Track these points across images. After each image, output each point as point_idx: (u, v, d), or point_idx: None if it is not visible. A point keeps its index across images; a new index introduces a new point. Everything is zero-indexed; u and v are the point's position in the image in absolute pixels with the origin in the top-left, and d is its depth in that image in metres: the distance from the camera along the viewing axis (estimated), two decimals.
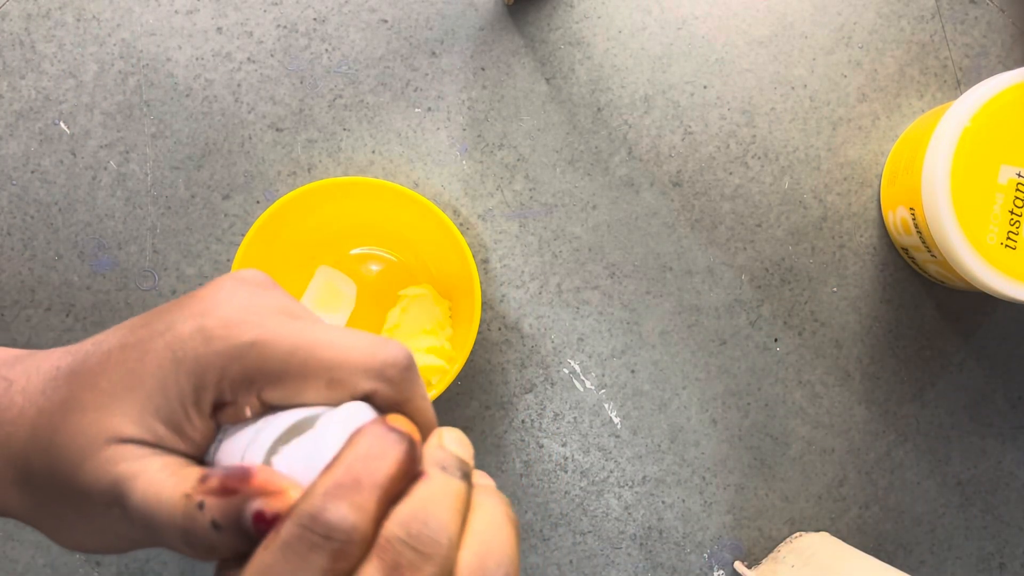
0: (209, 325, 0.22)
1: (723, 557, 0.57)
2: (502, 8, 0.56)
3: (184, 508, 0.21)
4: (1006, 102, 0.47)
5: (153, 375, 0.22)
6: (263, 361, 0.22)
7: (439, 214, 0.51)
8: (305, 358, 0.22)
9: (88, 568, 0.56)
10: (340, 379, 0.22)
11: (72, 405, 0.22)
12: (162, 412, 0.22)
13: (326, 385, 0.22)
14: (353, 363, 0.22)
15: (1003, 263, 0.47)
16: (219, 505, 0.20)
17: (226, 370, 0.22)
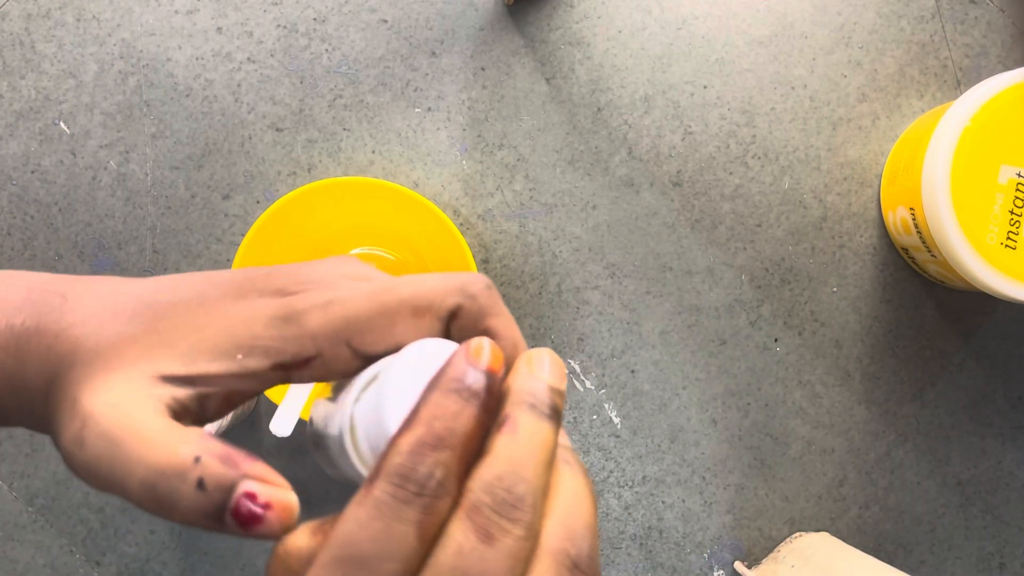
0: (288, 288, 0.23)
1: (723, 557, 0.57)
2: (502, 8, 0.56)
3: (180, 456, 0.21)
4: (1006, 102, 0.47)
5: (222, 331, 0.23)
6: (346, 310, 0.23)
7: (439, 214, 0.51)
8: (385, 299, 0.23)
9: (88, 568, 0.56)
10: (424, 305, 0.23)
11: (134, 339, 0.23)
12: (219, 350, 0.23)
13: (412, 314, 0.23)
14: (432, 290, 0.23)
15: (1003, 263, 0.47)
16: (216, 468, 0.21)
17: (306, 322, 0.23)
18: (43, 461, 0.56)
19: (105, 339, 0.23)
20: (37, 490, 0.56)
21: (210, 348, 0.23)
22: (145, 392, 0.22)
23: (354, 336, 0.23)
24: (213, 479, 0.20)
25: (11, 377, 0.24)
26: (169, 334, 0.23)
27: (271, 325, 0.23)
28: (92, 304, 0.24)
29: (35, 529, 0.56)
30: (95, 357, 0.23)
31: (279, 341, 0.23)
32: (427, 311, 0.23)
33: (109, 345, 0.23)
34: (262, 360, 0.23)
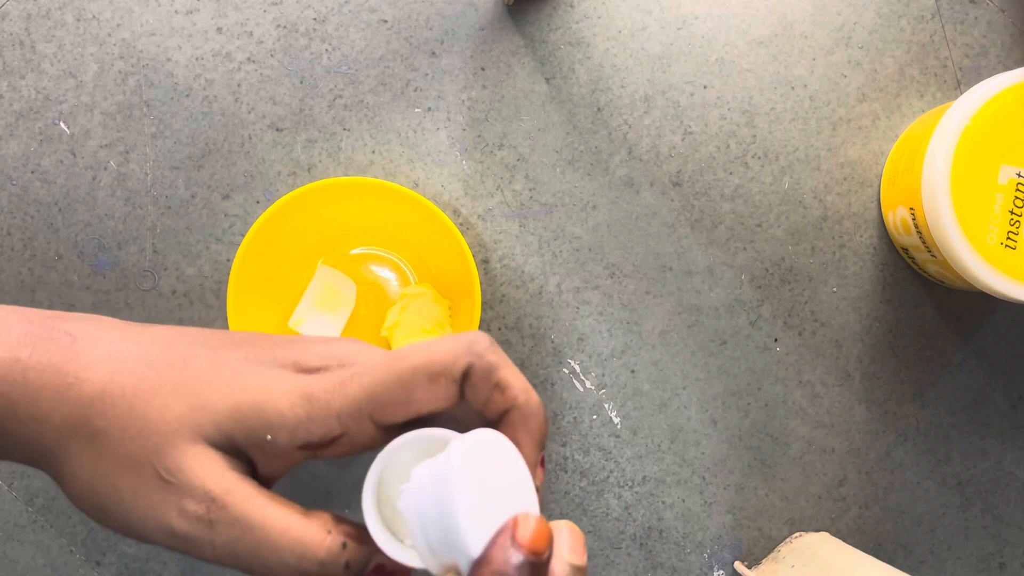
0: (314, 364, 0.25)
1: (723, 557, 0.57)
2: (502, 8, 0.56)
3: (328, 544, 0.24)
4: (1006, 102, 0.47)
5: (250, 402, 0.24)
6: (364, 385, 0.24)
7: (439, 214, 0.51)
8: (401, 368, 0.24)
9: (88, 568, 0.56)
10: (438, 370, 0.24)
11: (159, 391, 0.24)
12: (248, 425, 0.24)
13: (428, 380, 0.24)
14: (444, 354, 0.25)
15: (1003, 263, 0.47)
16: (357, 551, 0.24)
17: (331, 402, 0.24)
18: None
19: (136, 391, 0.23)
20: (37, 490, 0.56)
21: (241, 422, 0.24)
22: (226, 464, 0.24)
23: (376, 410, 0.24)
24: (355, 560, 0.24)
25: (16, 407, 0.24)
26: (203, 394, 0.24)
27: (297, 404, 0.24)
28: (106, 348, 0.24)
29: (35, 529, 0.56)
30: (142, 416, 0.23)
31: (306, 423, 0.24)
32: (441, 375, 0.24)
33: (143, 399, 0.23)
34: (290, 441, 0.24)
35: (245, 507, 0.23)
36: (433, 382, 0.24)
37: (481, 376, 0.25)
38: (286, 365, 0.25)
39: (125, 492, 0.23)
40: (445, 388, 0.25)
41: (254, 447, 0.24)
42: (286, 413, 0.24)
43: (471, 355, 0.25)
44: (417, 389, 0.24)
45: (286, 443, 0.24)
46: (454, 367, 0.24)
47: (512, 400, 0.25)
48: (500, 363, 0.25)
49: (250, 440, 0.24)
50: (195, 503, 0.23)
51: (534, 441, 0.25)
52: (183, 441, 0.23)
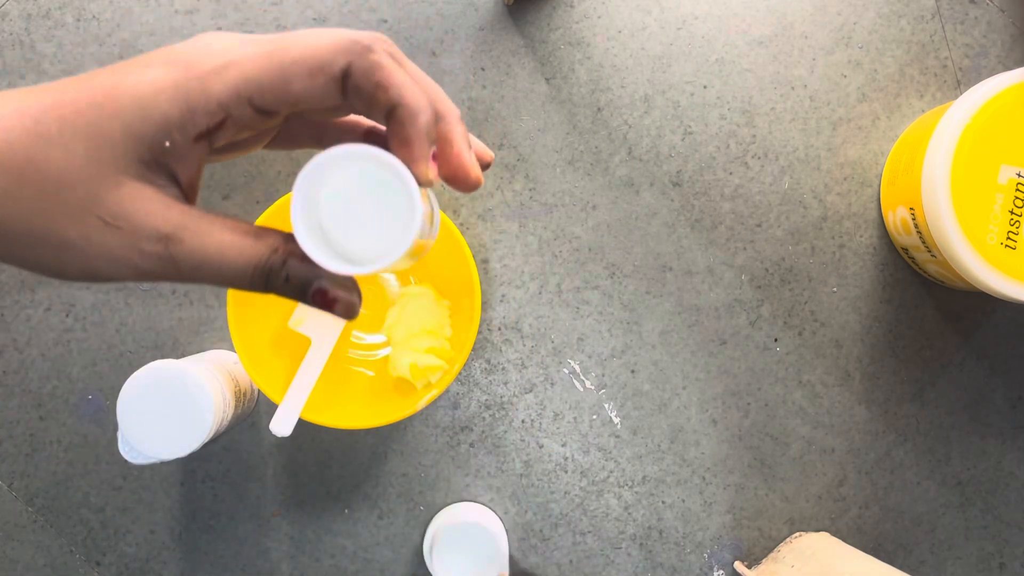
0: (189, 57, 0.25)
1: (723, 557, 0.57)
2: (502, 8, 0.56)
3: (269, 258, 0.25)
4: (1006, 102, 0.47)
5: (136, 107, 0.24)
6: (243, 71, 0.25)
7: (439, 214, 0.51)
8: (280, 58, 0.25)
9: (88, 568, 0.56)
10: (317, 65, 0.25)
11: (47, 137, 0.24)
12: (147, 140, 0.25)
13: (307, 75, 0.25)
14: (325, 49, 0.25)
15: (1003, 263, 0.47)
16: (298, 267, 0.26)
17: (209, 88, 0.25)
18: (43, 461, 0.56)
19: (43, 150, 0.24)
20: (37, 490, 0.56)
21: (140, 140, 0.25)
22: (162, 195, 0.25)
23: (255, 94, 0.25)
24: (295, 276, 0.26)
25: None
26: (102, 131, 0.24)
27: (177, 100, 0.24)
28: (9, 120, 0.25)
29: (35, 529, 0.56)
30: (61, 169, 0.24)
31: (190, 115, 0.24)
32: (320, 71, 0.25)
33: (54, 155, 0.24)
34: (184, 138, 0.25)
35: (200, 239, 0.25)
36: (312, 77, 0.25)
37: (361, 75, 0.25)
38: (158, 64, 0.25)
39: (78, 243, 0.25)
40: (324, 84, 0.25)
41: (162, 159, 0.25)
42: (170, 112, 0.24)
43: (351, 54, 0.25)
44: (295, 80, 0.25)
45: (182, 142, 0.25)
46: (332, 65, 0.25)
47: (396, 99, 0.26)
48: (382, 62, 0.26)
49: (156, 155, 0.25)
50: (152, 243, 0.25)
51: (420, 137, 0.26)
52: (111, 185, 0.24)
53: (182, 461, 0.56)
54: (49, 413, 0.56)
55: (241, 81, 0.25)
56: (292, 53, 0.25)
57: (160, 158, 0.25)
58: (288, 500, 0.56)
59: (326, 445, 0.56)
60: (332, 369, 0.54)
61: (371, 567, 0.57)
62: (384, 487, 0.56)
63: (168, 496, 0.56)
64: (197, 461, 0.56)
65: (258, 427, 0.56)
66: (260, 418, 0.56)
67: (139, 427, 0.47)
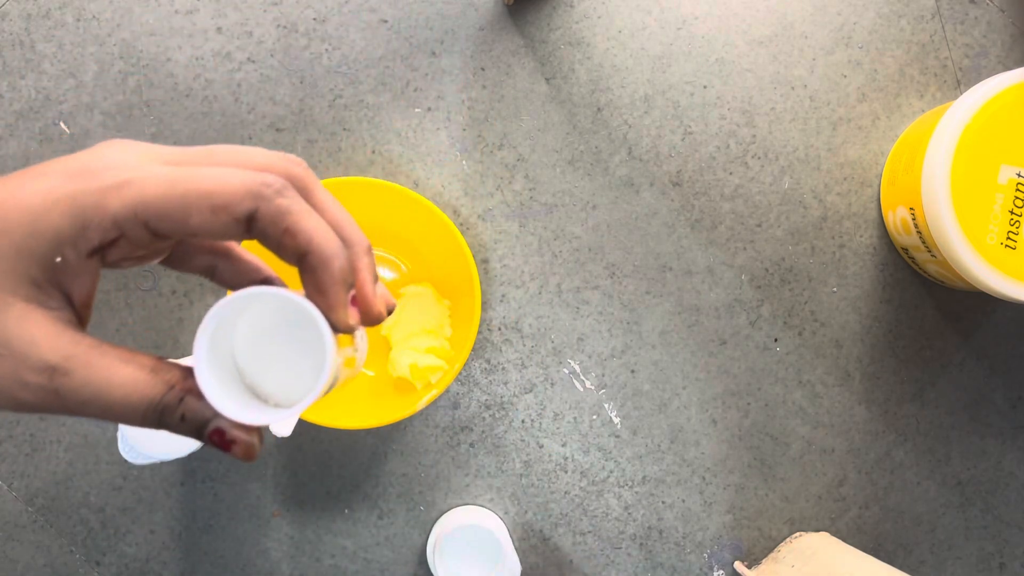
0: (87, 169, 0.24)
1: (723, 557, 0.57)
2: (502, 8, 0.56)
3: (164, 396, 0.24)
4: (1006, 102, 0.47)
5: (27, 221, 0.23)
6: (143, 193, 0.23)
7: (439, 214, 0.51)
8: (184, 189, 0.23)
9: (88, 568, 0.56)
10: (221, 204, 0.23)
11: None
12: (37, 256, 0.23)
13: (210, 211, 0.23)
14: (231, 188, 0.24)
15: (1003, 263, 0.47)
16: (195, 406, 0.24)
17: (105, 205, 0.23)
18: (43, 461, 0.56)
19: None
20: (37, 490, 0.56)
21: (30, 257, 0.23)
22: (51, 319, 0.23)
23: (151, 219, 0.23)
24: (191, 415, 0.24)
25: None
26: None
27: (69, 214, 0.23)
28: None
29: (35, 529, 0.56)
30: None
31: (82, 230, 0.23)
32: (223, 210, 0.24)
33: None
34: (76, 254, 0.24)
35: (89, 371, 0.23)
36: (214, 214, 0.23)
37: (268, 221, 0.24)
38: (55, 174, 0.24)
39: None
40: (225, 223, 0.24)
41: (53, 276, 0.24)
42: (62, 226, 0.23)
43: (258, 199, 0.24)
44: (195, 214, 0.23)
45: (75, 258, 0.24)
46: (237, 207, 0.24)
47: (306, 246, 0.24)
48: (291, 208, 0.24)
49: (46, 272, 0.24)
50: (35, 375, 0.23)
51: (334, 284, 0.25)
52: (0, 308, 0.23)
53: (182, 461, 0.56)
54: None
55: (139, 203, 0.23)
56: (197, 185, 0.23)
57: (52, 276, 0.24)
58: (288, 500, 0.56)
59: (326, 445, 0.56)
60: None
61: (371, 567, 0.57)
62: (384, 487, 0.56)
63: (168, 496, 0.56)
64: (197, 461, 0.56)
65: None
66: None
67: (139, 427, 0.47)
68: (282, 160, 0.25)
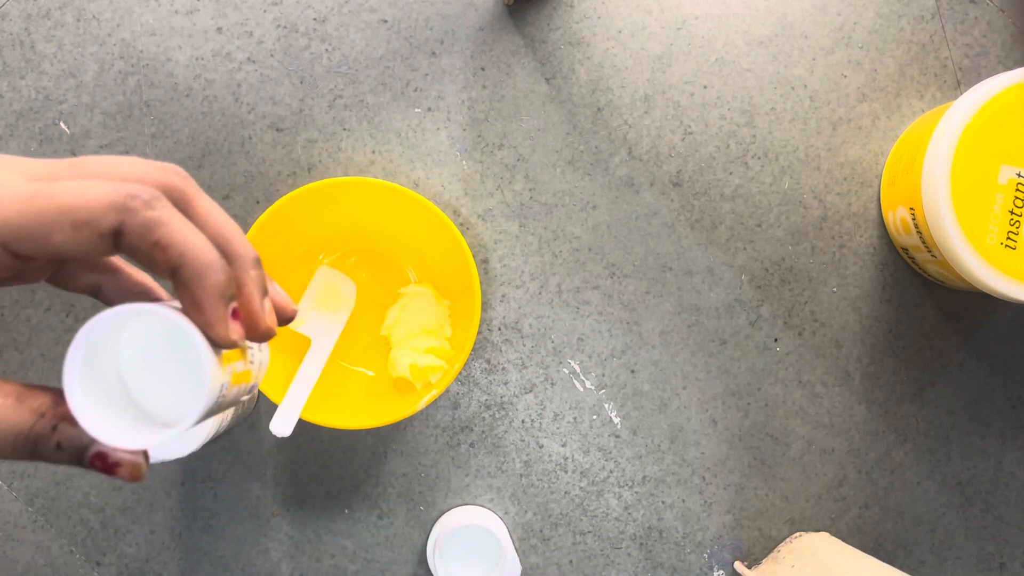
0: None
1: (723, 557, 0.57)
2: (502, 8, 0.56)
3: (34, 425, 0.23)
4: (1006, 102, 0.47)
5: None
6: (1, 214, 0.22)
7: (439, 214, 0.51)
8: (43, 205, 0.22)
9: (88, 568, 0.56)
10: (83, 220, 0.22)
11: None
12: None
13: (71, 227, 0.22)
14: (93, 202, 0.22)
15: (1003, 263, 0.47)
16: (70, 433, 0.23)
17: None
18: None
19: None
20: (37, 490, 0.56)
21: None
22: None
23: (10, 241, 0.22)
24: (68, 442, 0.23)
25: None
26: None
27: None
28: None
29: (35, 529, 0.56)
30: None
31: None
32: (86, 226, 0.22)
33: None
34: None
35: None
36: (76, 230, 0.22)
37: (135, 235, 0.23)
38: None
39: None
40: (89, 239, 0.22)
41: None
42: None
43: (124, 211, 0.22)
44: (56, 232, 0.22)
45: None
46: (101, 221, 0.22)
47: (178, 259, 0.23)
48: (161, 218, 0.23)
49: None
50: None
51: (211, 298, 0.24)
52: None
53: (182, 461, 0.56)
54: None
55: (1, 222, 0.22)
56: (57, 201, 0.22)
57: None
58: (288, 500, 0.56)
59: (326, 445, 0.56)
60: (332, 369, 0.54)
61: (371, 567, 0.57)
62: (384, 487, 0.56)
63: (168, 496, 0.56)
64: (197, 461, 0.56)
65: (258, 427, 0.56)
66: (260, 418, 0.56)
67: None
68: (158, 170, 0.24)
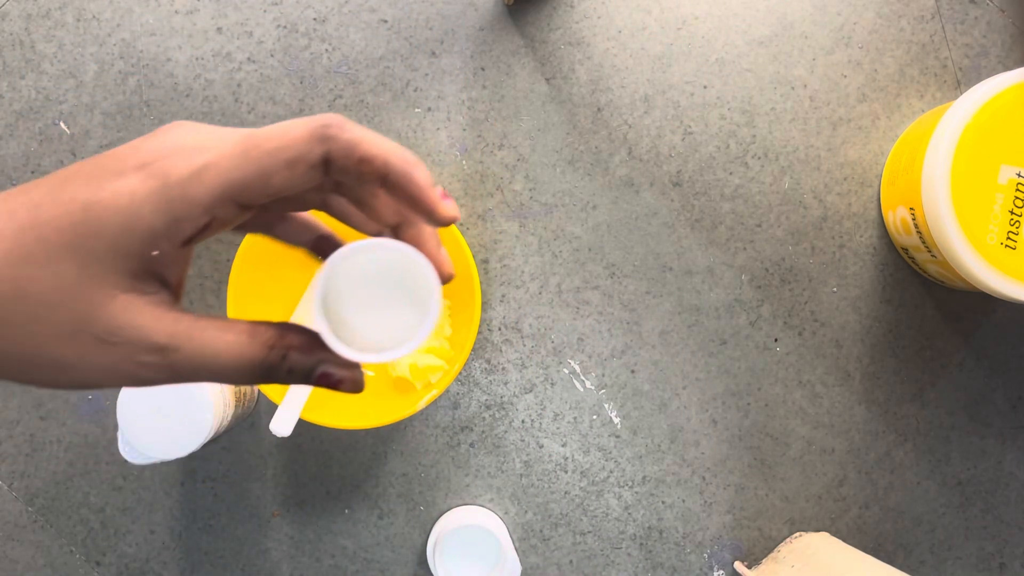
0: (162, 160, 0.25)
1: (723, 557, 0.57)
2: (502, 8, 0.56)
3: (266, 357, 0.26)
4: (1006, 102, 0.47)
5: (118, 222, 0.24)
6: (223, 173, 0.24)
7: None
8: (256, 155, 0.24)
9: (88, 568, 0.56)
10: (295, 158, 0.25)
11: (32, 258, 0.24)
12: (133, 254, 0.24)
13: (286, 167, 0.25)
14: (298, 138, 0.25)
15: (1003, 263, 0.47)
16: (298, 359, 0.26)
17: (192, 196, 0.24)
18: (43, 461, 0.56)
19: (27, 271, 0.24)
20: (37, 490, 0.56)
21: (127, 253, 0.24)
22: (153, 303, 0.25)
23: (237, 195, 0.25)
24: (299, 367, 0.26)
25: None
26: (85, 244, 0.24)
27: (160, 211, 0.24)
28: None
29: (35, 529, 0.56)
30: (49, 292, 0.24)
31: (175, 224, 0.24)
32: (299, 162, 0.25)
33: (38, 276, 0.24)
34: (171, 245, 0.25)
35: (196, 346, 0.25)
36: (291, 168, 0.25)
37: (343, 157, 0.25)
38: (132, 171, 0.25)
39: (73, 362, 0.25)
40: (305, 173, 0.25)
41: (149, 266, 0.25)
42: (155, 224, 0.24)
43: (325, 140, 0.25)
44: (275, 175, 0.25)
45: (169, 248, 0.25)
46: (311, 155, 0.25)
47: (383, 167, 0.25)
48: (356, 136, 0.25)
49: (143, 264, 0.25)
50: (149, 355, 0.25)
51: (425, 186, 0.26)
52: (102, 301, 0.24)
53: (182, 461, 0.56)
54: (49, 413, 0.56)
55: (223, 183, 0.24)
56: (267, 148, 0.24)
57: (148, 267, 0.25)
58: (288, 500, 0.56)
59: (326, 445, 0.56)
60: None
61: (371, 567, 0.57)
62: (384, 487, 0.56)
63: (168, 496, 0.56)
64: (197, 461, 0.56)
65: (258, 427, 0.56)
66: (260, 418, 0.56)
67: (139, 427, 0.47)
68: (329, 114, 0.27)
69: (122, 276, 0.24)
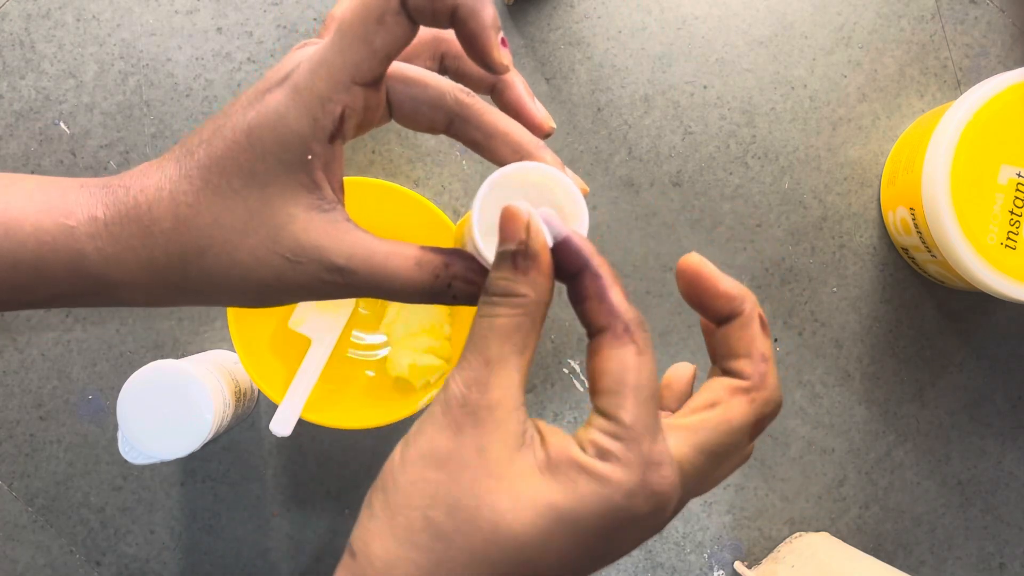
0: (287, 74, 0.27)
1: (723, 557, 0.57)
2: (502, 8, 0.56)
3: (433, 284, 0.28)
4: (1006, 102, 0.47)
5: (274, 139, 0.27)
6: (329, 60, 0.26)
7: (440, 215, 0.51)
8: (347, 29, 0.26)
9: (88, 568, 0.56)
10: (379, 13, 0.26)
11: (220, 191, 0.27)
12: (296, 163, 0.27)
13: (377, 24, 0.26)
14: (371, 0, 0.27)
15: (1003, 263, 0.47)
16: (462, 287, 0.28)
17: (317, 90, 0.26)
18: (43, 461, 0.56)
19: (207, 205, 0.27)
20: (37, 490, 0.56)
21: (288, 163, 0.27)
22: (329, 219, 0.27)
23: (354, 75, 0.26)
24: (462, 294, 0.28)
25: (122, 259, 0.27)
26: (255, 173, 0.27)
27: (303, 116, 0.26)
28: (164, 189, 0.27)
29: (35, 529, 0.56)
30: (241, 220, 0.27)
31: (320, 122, 0.26)
32: (385, 13, 0.26)
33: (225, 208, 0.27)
34: (322, 146, 0.27)
35: (369, 268, 0.27)
36: (381, 23, 0.26)
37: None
38: (276, 86, 0.27)
39: (271, 283, 0.27)
40: (395, 23, 0.26)
41: (313, 172, 0.27)
42: (300, 128, 0.26)
43: None
44: (374, 38, 0.26)
45: (321, 150, 0.27)
46: (389, 5, 0.26)
47: (453, 2, 0.26)
48: None
49: (309, 173, 0.27)
50: (330, 275, 0.27)
51: (487, 28, 0.27)
52: (285, 221, 0.27)
53: (182, 461, 0.56)
54: (49, 413, 0.56)
55: (335, 69, 0.26)
56: (354, 19, 0.26)
57: (311, 173, 0.27)
58: (288, 500, 0.56)
59: (326, 445, 0.56)
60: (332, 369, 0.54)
61: None
62: None
63: (168, 496, 0.56)
64: (197, 461, 0.56)
65: (258, 427, 0.56)
66: (260, 418, 0.56)
67: (139, 427, 0.47)
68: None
69: (296, 193, 0.27)
